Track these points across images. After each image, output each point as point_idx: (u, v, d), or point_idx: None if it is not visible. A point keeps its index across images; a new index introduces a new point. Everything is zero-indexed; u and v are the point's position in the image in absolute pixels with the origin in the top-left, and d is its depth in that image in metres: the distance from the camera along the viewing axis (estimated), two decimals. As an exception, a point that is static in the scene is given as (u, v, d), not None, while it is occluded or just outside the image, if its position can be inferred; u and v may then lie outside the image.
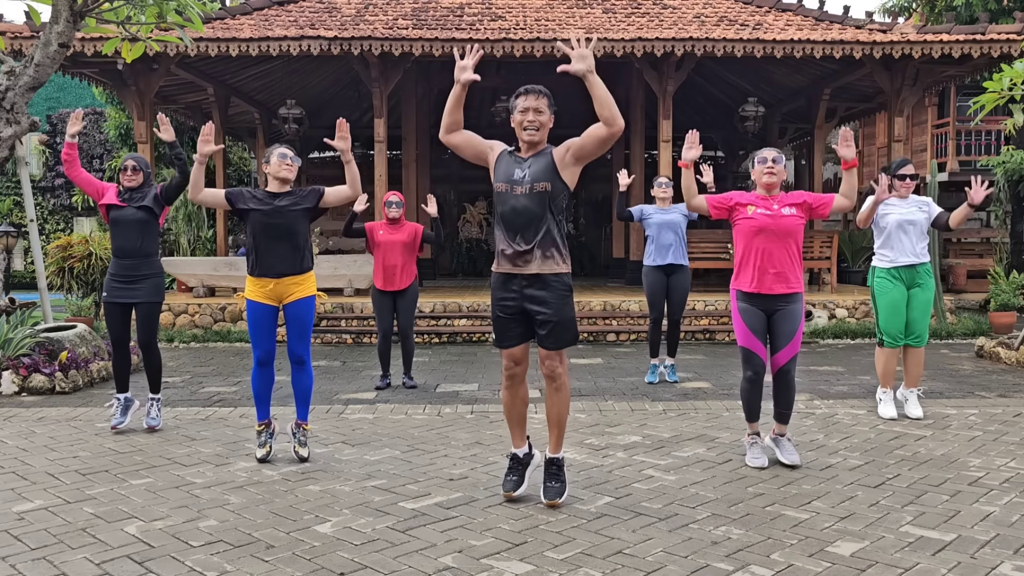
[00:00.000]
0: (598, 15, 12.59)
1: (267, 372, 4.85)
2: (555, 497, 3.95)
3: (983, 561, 3.27)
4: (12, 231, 13.30)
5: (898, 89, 12.33)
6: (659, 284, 7.32)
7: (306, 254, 4.82)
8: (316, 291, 4.90)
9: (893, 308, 5.82)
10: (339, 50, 11.09)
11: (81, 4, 5.46)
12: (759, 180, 4.71)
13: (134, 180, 5.57)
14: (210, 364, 8.84)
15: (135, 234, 5.53)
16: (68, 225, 24.04)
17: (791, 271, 4.62)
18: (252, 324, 4.78)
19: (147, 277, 5.59)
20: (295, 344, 4.81)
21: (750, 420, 4.81)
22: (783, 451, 4.73)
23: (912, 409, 5.89)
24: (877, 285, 5.90)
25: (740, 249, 4.72)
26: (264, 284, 4.74)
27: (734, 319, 4.75)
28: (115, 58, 10.15)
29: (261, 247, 4.71)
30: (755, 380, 4.69)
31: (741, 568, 3.21)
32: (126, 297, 5.56)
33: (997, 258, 15.32)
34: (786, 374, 4.68)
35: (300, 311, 4.79)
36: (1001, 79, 7.00)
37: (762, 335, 4.67)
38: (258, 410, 4.90)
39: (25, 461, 4.85)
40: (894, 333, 5.85)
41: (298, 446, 4.84)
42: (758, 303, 4.66)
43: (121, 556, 3.37)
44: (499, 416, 5.99)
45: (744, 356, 4.70)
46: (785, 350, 4.64)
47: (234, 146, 18.94)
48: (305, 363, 4.85)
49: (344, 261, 12.28)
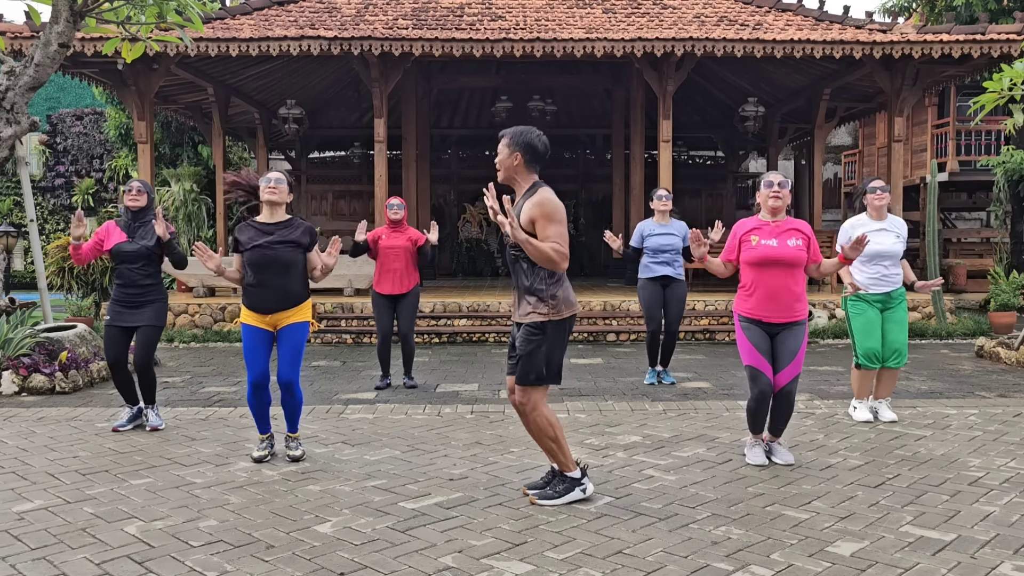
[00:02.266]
0: (598, 15, 12.59)
1: (263, 395, 4.84)
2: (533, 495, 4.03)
3: (983, 561, 3.27)
4: (12, 231, 13.30)
5: (898, 89, 12.32)
6: (656, 296, 7.32)
7: (300, 287, 4.81)
8: (311, 318, 4.91)
9: (868, 329, 5.76)
10: (339, 50, 11.09)
11: (81, 4, 5.46)
12: (764, 203, 4.70)
13: (138, 201, 5.63)
14: (210, 364, 8.84)
15: (139, 268, 5.58)
16: (68, 225, 24.03)
17: (797, 300, 4.62)
18: (247, 347, 4.80)
19: (151, 303, 5.63)
20: (285, 369, 4.80)
21: (754, 432, 4.82)
22: (777, 454, 4.77)
23: (885, 414, 5.86)
24: (851, 307, 5.84)
25: (746, 278, 4.71)
26: (259, 316, 4.78)
27: (738, 338, 4.72)
28: (115, 58, 10.14)
29: (255, 280, 4.72)
30: (762, 399, 4.65)
31: (741, 568, 3.21)
32: (129, 321, 5.61)
33: (997, 258, 15.31)
34: (788, 395, 4.65)
35: (294, 335, 4.80)
36: (1001, 79, 7.00)
37: (767, 353, 4.64)
38: (258, 426, 4.93)
39: (25, 461, 4.85)
40: (871, 354, 5.76)
41: (288, 450, 4.88)
42: (763, 325, 4.66)
43: (121, 556, 3.37)
44: (499, 416, 6.00)
45: (750, 375, 4.65)
46: (787, 369, 4.60)
47: (234, 146, 18.93)
48: (294, 388, 4.84)
49: (344, 261, 12.23)
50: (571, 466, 4.05)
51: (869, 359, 5.77)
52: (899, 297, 5.84)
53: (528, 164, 3.94)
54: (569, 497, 4.01)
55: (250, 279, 4.73)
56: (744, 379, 7.65)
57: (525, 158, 3.93)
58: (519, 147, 3.93)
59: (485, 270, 18.53)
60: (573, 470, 4.05)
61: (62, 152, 23.57)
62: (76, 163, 23.51)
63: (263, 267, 4.69)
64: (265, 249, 4.68)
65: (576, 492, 4.02)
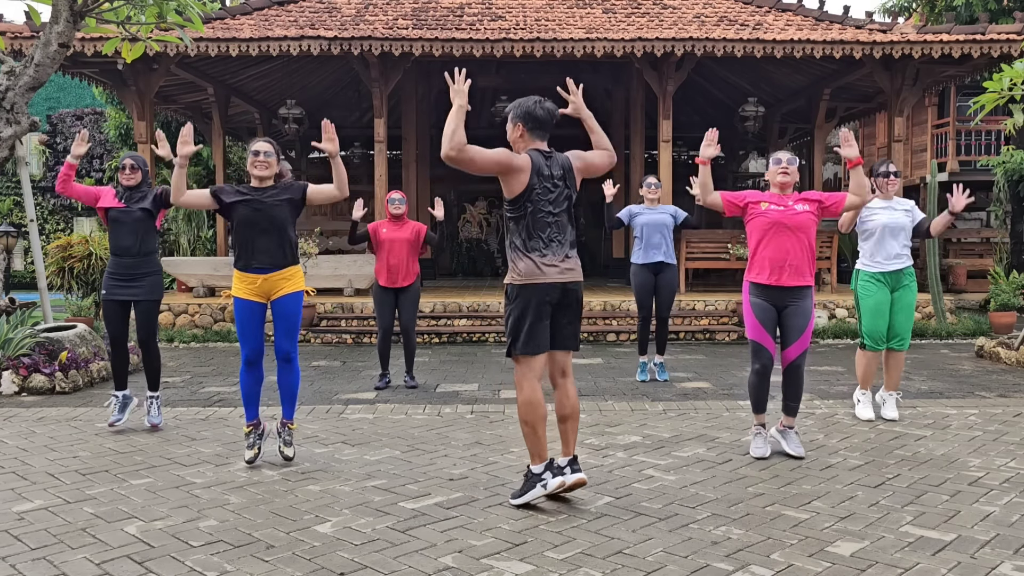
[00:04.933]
0: (598, 15, 12.59)
1: (256, 371, 4.81)
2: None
3: (983, 561, 3.27)
4: (12, 231, 13.30)
5: (898, 89, 12.32)
6: (647, 282, 7.36)
7: (292, 248, 4.78)
8: (305, 287, 4.87)
9: (877, 311, 5.80)
10: (339, 50, 11.09)
11: (81, 4, 5.46)
12: (773, 180, 4.84)
13: (132, 179, 5.57)
14: (210, 364, 8.84)
15: (134, 234, 5.53)
16: (68, 225, 24.03)
17: (805, 264, 4.73)
18: (240, 321, 4.75)
19: (146, 275, 5.59)
20: (283, 340, 4.76)
21: (756, 412, 4.92)
22: (789, 443, 4.81)
23: (888, 411, 5.87)
24: (861, 288, 5.88)
25: (754, 243, 4.81)
26: (252, 280, 4.71)
27: (745, 312, 4.84)
28: (115, 58, 10.14)
29: (246, 240, 4.67)
30: (763, 373, 4.79)
31: (741, 568, 3.21)
32: (125, 295, 5.56)
33: (997, 258, 15.31)
34: (796, 368, 4.78)
35: (288, 307, 4.75)
36: (1001, 79, 7.00)
37: (772, 329, 4.77)
38: (247, 410, 4.85)
39: (25, 461, 4.85)
40: (876, 336, 5.82)
41: (283, 446, 4.76)
42: (770, 296, 4.75)
43: (121, 556, 3.37)
44: (499, 416, 6.00)
45: (753, 348, 4.80)
46: (795, 344, 4.74)
47: (234, 146, 18.93)
48: (292, 360, 4.80)
49: (344, 261, 12.28)
50: (536, 459, 3.94)
51: (874, 340, 5.82)
52: (909, 276, 5.84)
53: (532, 132, 3.97)
54: (527, 497, 3.91)
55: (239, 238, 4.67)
56: (744, 379, 7.66)
57: (527, 126, 3.96)
58: (519, 118, 3.97)
59: (485, 270, 18.53)
60: (536, 464, 3.94)
61: (62, 152, 23.57)
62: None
63: (252, 224, 4.64)
64: (255, 204, 4.64)
65: (537, 489, 3.89)
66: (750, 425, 5.65)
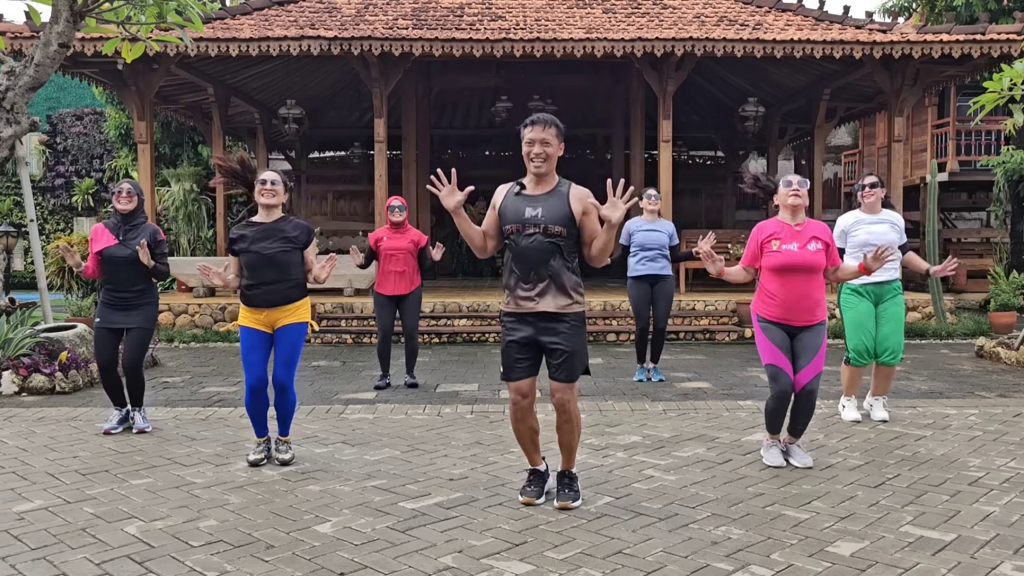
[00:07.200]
0: (598, 15, 12.59)
1: (260, 397, 4.80)
2: (567, 500, 3.93)
3: (983, 561, 3.27)
4: (12, 231, 13.30)
5: (898, 89, 12.32)
6: (644, 295, 7.41)
7: (300, 288, 4.80)
8: (310, 319, 4.87)
9: (860, 323, 5.67)
10: (339, 50, 11.09)
11: (81, 4, 5.46)
12: (783, 202, 4.68)
13: (128, 205, 5.56)
14: (210, 364, 8.84)
15: (130, 273, 5.52)
16: (68, 225, 24.03)
17: (817, 304, 4.60)
18: (245, 351, 4.76)
19: (142, 306, 5.59)
20: (281, 370, 4.75)
21: (771, 432, 4.78)
22: (796, 457, 4.71)
23: (878, 413, 5.81)
24: (843, 301, 5.77)
25: (766, 280, 4.68)
26: (256, 313, 4.74)
27: (757, 337, 4.67)
28: (115, 58, 10.14)
29: (251, 277, 4.70)
30: (782, 399, 4.58)
31: (741, 568, 3.21)
32: (119, 323, 5.56)
33: (997, 258, 15.31)
34: (809, 395, 4.57)
35: (290, 336, 4.76)
36: (1001, 79, 7.00)
37: (787, 351, 4.59)
38: (256, 430, 4.88)
39: (25, 461, 4.85)
40: (861, 350, 5.67)
41: (278, 454, 4.82)
42: (783, 326, 4.63)
43: (121, 556, 3.37)
44: (499, 416, 6.00)
45: (771, 374, 4.59)
46: (809, 367, 4.54)
47: (234, 146, 18.93)
48: (288, 391, 4.80)
49: (344, 261, 12.25)
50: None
51: (859, 355, 5.68)
52: (894, 290, 5.73)
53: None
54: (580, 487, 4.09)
55: (247, 279, 4.72)
56: (744, 379, 7.67)
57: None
58: (562, 138, 4.03)
59: (485, 270, 18.51)
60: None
61: (62, 152, 23.58)
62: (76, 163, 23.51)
63: (258, 268, 4.68)
64: (261, 251, 4.68)
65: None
66: (750, 425, 5.66)
